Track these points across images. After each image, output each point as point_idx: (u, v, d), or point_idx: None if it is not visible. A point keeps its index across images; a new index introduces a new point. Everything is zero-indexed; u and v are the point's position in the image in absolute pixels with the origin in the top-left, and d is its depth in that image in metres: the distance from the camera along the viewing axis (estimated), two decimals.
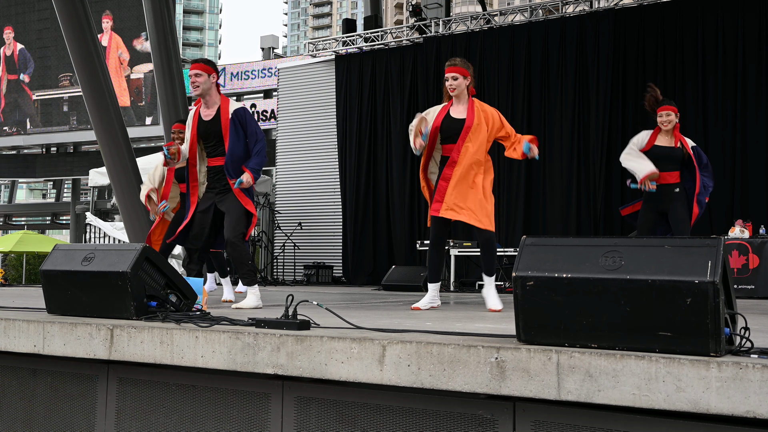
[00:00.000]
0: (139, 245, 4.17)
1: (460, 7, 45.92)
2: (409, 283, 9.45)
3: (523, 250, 2.94)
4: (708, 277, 2.52)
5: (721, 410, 2.40)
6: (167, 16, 11.74)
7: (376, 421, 3.22)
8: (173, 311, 4.10)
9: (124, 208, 11.54)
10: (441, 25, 12.85)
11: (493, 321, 4.32)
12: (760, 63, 10.10)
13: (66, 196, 31.63)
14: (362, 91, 13.42)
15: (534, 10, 12.42)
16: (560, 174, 11.26)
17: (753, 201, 9.89)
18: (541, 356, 2.68)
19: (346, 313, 4.10)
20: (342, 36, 14.22)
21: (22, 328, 4.09)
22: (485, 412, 2.97)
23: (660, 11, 10.89)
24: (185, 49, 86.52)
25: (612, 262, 2.72)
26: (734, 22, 10.31)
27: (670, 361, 2.48)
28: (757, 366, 2.35)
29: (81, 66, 10.70)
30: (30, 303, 5.55)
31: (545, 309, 2.80)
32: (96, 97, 10.52)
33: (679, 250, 2.65)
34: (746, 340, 2.64)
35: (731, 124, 10.22)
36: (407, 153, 12.83)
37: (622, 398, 2.54)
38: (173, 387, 3.81)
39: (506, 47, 11.97)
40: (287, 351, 3.22)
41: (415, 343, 2.93)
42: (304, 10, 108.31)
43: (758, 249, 8.37)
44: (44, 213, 33.27)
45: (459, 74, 5.36)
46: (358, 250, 13.14)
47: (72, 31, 10.63)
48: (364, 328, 3.44)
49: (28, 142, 28.19)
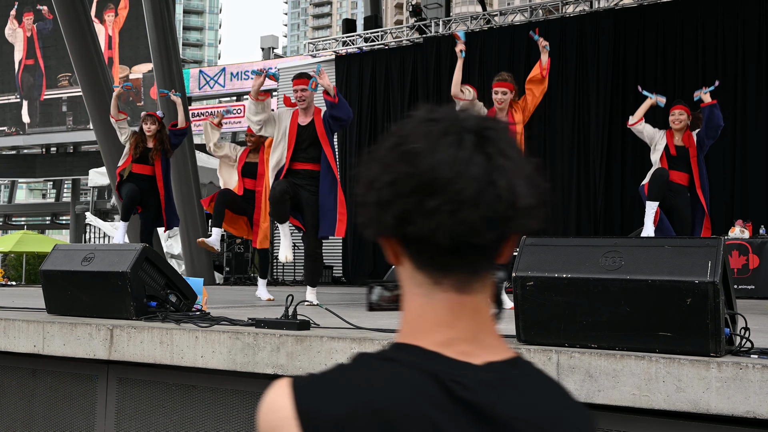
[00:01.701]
0: (139, 245, 4.17)
1: (460, 7, 45.95)
2: None
3: (523, 250, 2.94)
4: (708, 277, 2.52)
5: (721, 410, 2.39)
6: (167, 16, 11.74)
7: None
8: (173, 311, 4.09)
9: None
10: (441, 25, 12.85)
11: None
12: (760, 63, 10.10)
13: (66, 196, 31.62)
14: (362, 91, 13.42)
15: (534, 10, 12.42)
16: (560, 174, 11.25)
17: (753, 201, 9.88)
18: (541, 356, 2.68)
19: (346, 313, 4.09)
20: (342, 36, 14.22)
21: (22, 328, 4.08)
22: None
23: (660, 11, 10.89)
24: (185, 49, 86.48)
25: (612, 262, 2.72)
26: (734, 22, 10.31)
27: (670, 361, 2.48)
28: (757, 366, 2.35)
29: (81, 66, 10.71)
30: (30, 303, 5.55)
31: (545, 309, 2.80)
32: (96, 97, 10.51)
33: (679, 250, 2.64)
34: (746, 341, 2.64)
35: (731, 124, 10.20)
36: None
37: (622, 398, 2.54)
38: (173, 387, 3.81)
39: (506, 47, 11.97)
40: (287, 351, 3.22)
41: None
42: (304, 10, 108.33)
43: (758, 249, 8.37)
44: (44, 213, 33.28)
45: (508, 89, 5.61)
46: (358, 250, 13.14)
47: (72, 31, 10.63)
48: (364, 328, 3.44)
49: (28, 142, 28.19)
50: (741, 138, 10.13)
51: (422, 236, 0.85)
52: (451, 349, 0.86)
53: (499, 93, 5.62)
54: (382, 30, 13.87)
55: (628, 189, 10.09)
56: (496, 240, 0.87)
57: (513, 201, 0.85)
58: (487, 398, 0.84)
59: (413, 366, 0.85)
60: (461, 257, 0.87)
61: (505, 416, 0.84)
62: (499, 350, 0.90)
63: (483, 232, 0.84)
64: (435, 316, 0.88)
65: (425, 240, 0.85)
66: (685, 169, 6.31)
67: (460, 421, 0.82)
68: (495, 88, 5.65)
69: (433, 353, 0.86)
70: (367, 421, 0.81)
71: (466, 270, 0.88)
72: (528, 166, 0.89)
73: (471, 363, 0.86)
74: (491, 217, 0.84)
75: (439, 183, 0.83)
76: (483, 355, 0.88)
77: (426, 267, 0.89)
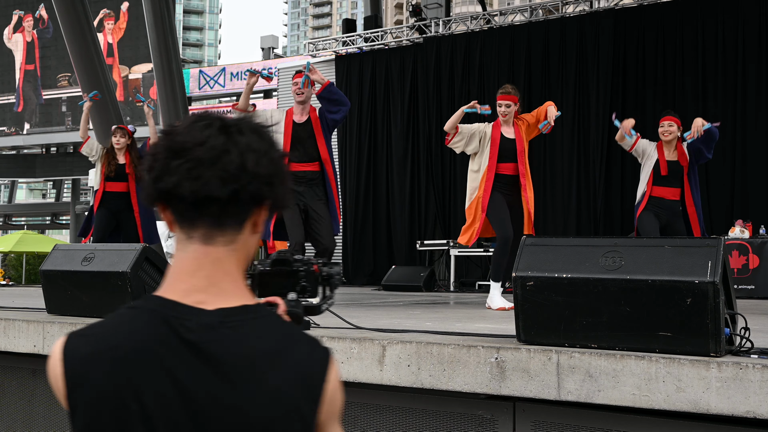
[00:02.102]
0: (139, 245, 4.17)
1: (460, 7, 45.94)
2: (409, 283, 9.45)
3: (523, 250, 2.93)
4: (708, 277, 2.52)
5: (721, 410, 2.39)
6: (167, 16, 11.74)
7: (376, 420, 3.22)
8: None
9: None
10: (441, 25, 12.85)
11: (493, 321, 4.32)
12: (760, 63, 10.10)
13: (66, 196, 31.62)
14: (362, 91, 13.41)
15: (534, 10, 12.42)
16: (560, 174, 11.25)
17: (753, 201, 9.88)
18: (541, 356, 2.68)
19: (346, 313, 4.09)
20: (342, 36, 14.22)
21: (22, 328, 4.08)
22: (485, 412, 2.96)
23: (660, 11, 10.89)
24: (185, 49, 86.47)
25: (612, 262, 2.72)
26: (734, 22, 10.31)
27: (670, 361, 2.48)
28: (757, 366, 2.35)
29: (81, 66, 10.71)
30: (30, 303, 5.55)
31: (545, 309, 2.80)
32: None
33: (679, 250, 2.64)
34: (746, 341, 2.64)
35: (731, 124, 10.21)
36: (407, 153, 12.84)
37: (622, 398, 2.54)
38: None
39: (506, 47, 11.97)
40: None
41: (415, 343, 2.93)
42: (304, 10, 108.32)
43: (758, 249, 8.37)
44: (44, 213, 33.27)
45: (512, 102, 5.70)
46: (358, 250, 13.14)
47: (72, 32, 10.63)
48: (364, 328, 3.44)
49: (28, 142, 28.19)
50: (741, 138, 10.13)
51: (169, 189, 1.08)
52: (188, 298, 1.08)
53: (503, 106, 5.68)
54: (382, 30, 13.87)
55: (628, 189, 10.07)
56: (233, 197, 1.08)
57: (243, 165, 1.08)
58: (205, 338, 1.05)
59: (152, 312, 1.07)
60: (203, 211, 1.09)
61: (219, 353, 1.04)
62: (235, 297, 1.11)
63: (217, 187, 1.07)
64: (183, 266, 1.11)
65: (173, 194, 1.08)
66: (677, 184, 6.09)
67: (183, 357, 1.03)
68: (499, 101, 5.71)
69: (171, 301, 1.08)
70: (106, 357, 1.04)
71: (209, 223, 1.10)
72: (265, 145, 1.12)
73: (202, 309, 1.08)
74: (223, 176, 1.07)
75: (185, 149, 1.07)
76: (216, 302, 1.09)
77: (180, 223, 1.12)
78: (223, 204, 1.08)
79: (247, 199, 1.10)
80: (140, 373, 1.02)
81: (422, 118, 12.72)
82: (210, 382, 1.03)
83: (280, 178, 1.14)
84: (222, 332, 1.06)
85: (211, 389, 1.03)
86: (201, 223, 1.10)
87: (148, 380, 1.02)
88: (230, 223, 1.10)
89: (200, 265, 1.10)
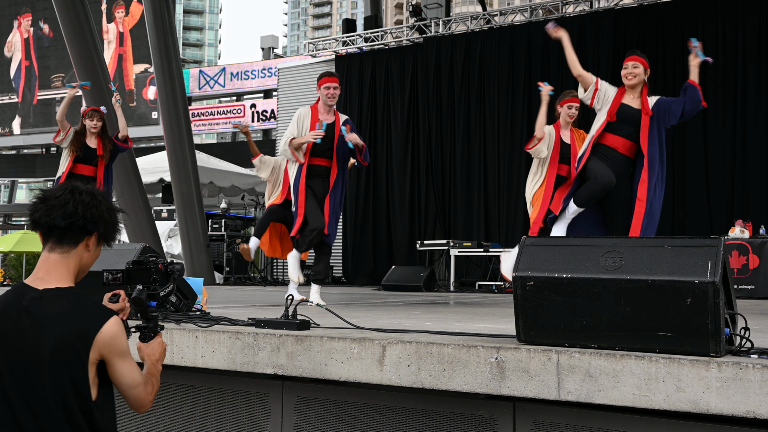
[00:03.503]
0: (139, 245, 4.16)
1: (460, 7, 45.94)
2: (409, 283, 9.44)
3: (523, 250, 2.93)
4: (708, 277, 2.52)
5: (721, 410, 2.39)
6: (167, 16, 11.74)
7: (376, 421, 3.22)
8: (173, 311, 4.09)
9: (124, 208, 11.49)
10: (441, 25, 12.85)
11: (493, 321, 4.32)
12: (760, 63, 10.10)
13: None
14: (362, 91, 13.42)
15: (534, 10, 12.42)
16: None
17: (753, 201, 9.89)
18: (541, 356, 2.68)
19: (346, 313, 4.09)
20: (342, 36, 14.22)
21: None
22: (485, 412, 2.96)
23: (660, 11, 10.89)
24: (185, 49, 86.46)
25: (612, 262, 2.72)
26: (734, 22, 10.31)
27: (670, 361, 2.47)
28: (757, 366, 2.35)
29: (81, 65, 10.71)
30: None
31: (545, 309, 2.80)
32: (96, 97, 10.50)
33: (679, 250, 2.64)
34: (746, 341, 2.64)
35: (731, 124, 10.22)
36: (407, 153, 12.83)
37: (622, 398, 2.54)
38: (173, 387, 3.81)
39: (506, 47, 11.97)
40: (287, 351, 3.22)
41: (415, 343, 2.93)
42: (304, 10, 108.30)
43: (758, 249, 8.37)
44: None
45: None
46: (358, 250, 13.14)
47: (72, 31, 10.63)
48: (364, 328, 3.44)
49: (28, 142, 28.18)
50: (741, 138, 10.13)
51: (35, 220, 2.03)
52: (33, 282, 2.00)
53: (573, 108, 6.05)
54: (382, 30, 13.87)
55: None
56: (69, 228, 2.01)
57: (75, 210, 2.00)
58: (31, 305, 1.95)
59: (15, 289, 2.02)
60: (51, 233, 2.02)
61: (35, 312, 1.94)
62: (55, 284, 1.99)
63: (59, 221, 2.00)
64: (39, 264, 2.03)
65: (38, 222, 2.02)
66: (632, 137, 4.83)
67: (20, 313, 1.94)
68: (570, 103, 6.06)
69: (26, 285, 2.00)
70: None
71: (54, 241, 2.02)
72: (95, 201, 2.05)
73: (35, 288, 1.98)
74: (64, 216, 2.00)
75: (47, 198, 2.03)
76: (44, 285, 1.98)
77: (42, 239, 2.04)
78: (62, 230, 2.01)
79: (77, 230, 2.02)
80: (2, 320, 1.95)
81: (422, 118, 12.72)
82: (29, 327, 1.93)
83: (104, 221, 2.07)
84: (39, 302, 1.95)
85: (29, 331, 1.93)
86: (50, 240, 2.03)
87: (4, 322, 1.95)
88: (66, 242, 2.02)
89: (44, 264, 2.02)
